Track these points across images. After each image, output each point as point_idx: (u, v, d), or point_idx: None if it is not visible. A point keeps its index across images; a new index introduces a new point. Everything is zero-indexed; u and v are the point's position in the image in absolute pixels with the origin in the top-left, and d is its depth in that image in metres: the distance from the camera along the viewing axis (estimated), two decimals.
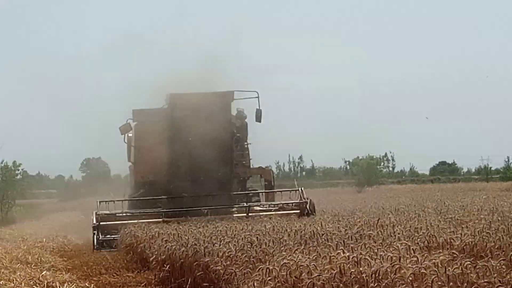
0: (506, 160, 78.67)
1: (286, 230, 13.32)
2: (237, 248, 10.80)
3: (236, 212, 19.99)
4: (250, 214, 19.58)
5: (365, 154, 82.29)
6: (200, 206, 19.71)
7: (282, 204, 20.89)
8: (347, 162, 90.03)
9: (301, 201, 20.40)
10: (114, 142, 22.54)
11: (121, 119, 21.42)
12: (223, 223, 15.95)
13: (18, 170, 57.19)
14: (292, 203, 20.69)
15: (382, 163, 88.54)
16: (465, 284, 7.32)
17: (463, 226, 12.50)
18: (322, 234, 12.01)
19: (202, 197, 20.02)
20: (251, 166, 22.43)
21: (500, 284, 7.22)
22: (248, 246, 11.07)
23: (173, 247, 12.31)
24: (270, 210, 20.40)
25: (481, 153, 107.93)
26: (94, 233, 19.37)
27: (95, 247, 19.04)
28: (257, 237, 12.04)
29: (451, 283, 7.38)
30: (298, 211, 20.03)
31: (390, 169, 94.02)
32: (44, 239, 23.13)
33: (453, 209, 19.05)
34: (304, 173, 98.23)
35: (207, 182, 20.26)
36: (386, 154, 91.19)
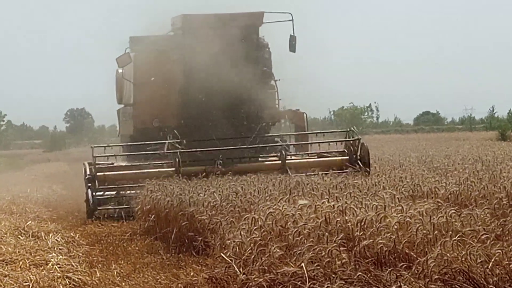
0: (491, 109, 78.90)
1: (271, 179, 13.33)
2: (222, 198, 10.81)
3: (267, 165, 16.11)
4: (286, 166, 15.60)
5: (349, 105, 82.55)
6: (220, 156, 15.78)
7: (325, 153, 16.58)
8: (332, 112, 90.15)
9: (348, 150, 16.04)
10: (100, 89, 19.12)
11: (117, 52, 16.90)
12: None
13: (3, 120, 57.11)
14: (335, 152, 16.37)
15: (366, 113, 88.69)
16: (450, 232, 7.36)
17: (447, 175, 12.55)
18: (307, 184, 12.03)
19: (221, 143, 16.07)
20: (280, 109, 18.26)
21: (485, 232, 7.26)
22: (233, 195, 11.08)
23: (158, 197, 12.31)
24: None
25: (464, 103, 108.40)
26: (89, 186, 15.21)
27: (90, 211, 15.02)
28: (241, 187, 12.04)
29: (436, 232, 7.42)
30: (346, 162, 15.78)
31: (375, 119, 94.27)
32: (29, 190, 23.08)
33: (438, 158, 19.11)
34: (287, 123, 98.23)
35: (227, 129, 16.70)
36: (370, 104, 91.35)
